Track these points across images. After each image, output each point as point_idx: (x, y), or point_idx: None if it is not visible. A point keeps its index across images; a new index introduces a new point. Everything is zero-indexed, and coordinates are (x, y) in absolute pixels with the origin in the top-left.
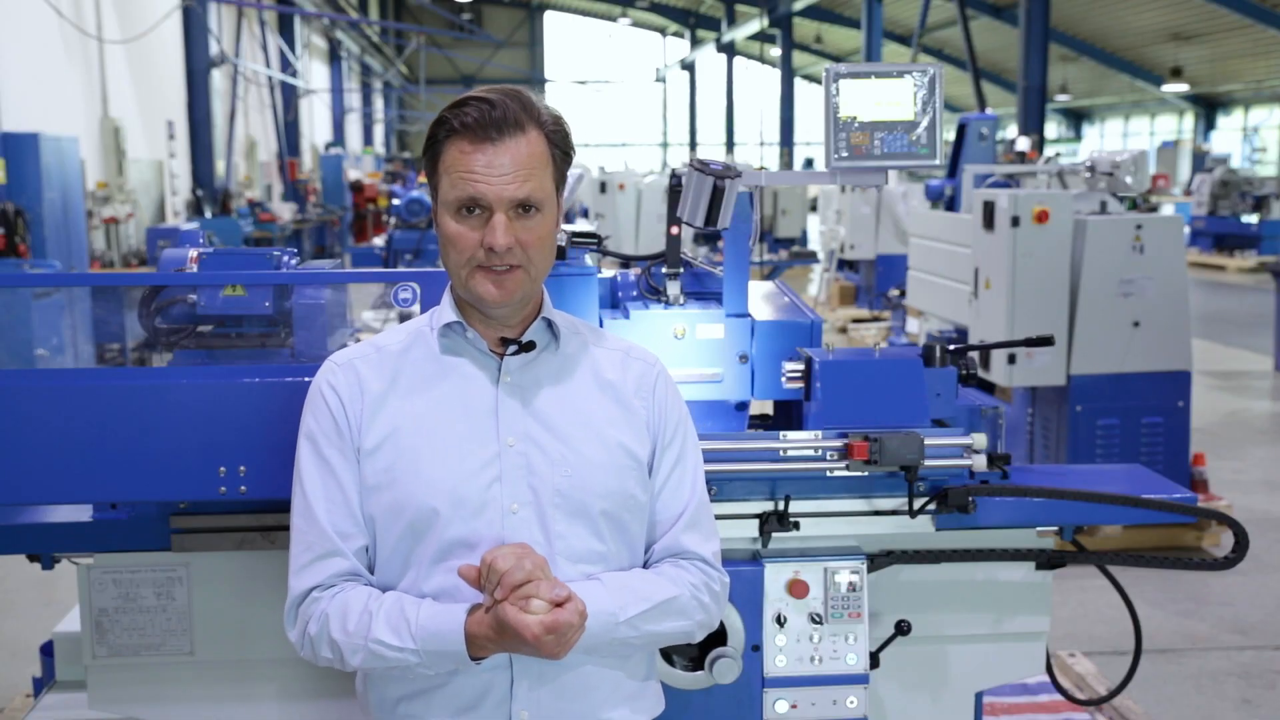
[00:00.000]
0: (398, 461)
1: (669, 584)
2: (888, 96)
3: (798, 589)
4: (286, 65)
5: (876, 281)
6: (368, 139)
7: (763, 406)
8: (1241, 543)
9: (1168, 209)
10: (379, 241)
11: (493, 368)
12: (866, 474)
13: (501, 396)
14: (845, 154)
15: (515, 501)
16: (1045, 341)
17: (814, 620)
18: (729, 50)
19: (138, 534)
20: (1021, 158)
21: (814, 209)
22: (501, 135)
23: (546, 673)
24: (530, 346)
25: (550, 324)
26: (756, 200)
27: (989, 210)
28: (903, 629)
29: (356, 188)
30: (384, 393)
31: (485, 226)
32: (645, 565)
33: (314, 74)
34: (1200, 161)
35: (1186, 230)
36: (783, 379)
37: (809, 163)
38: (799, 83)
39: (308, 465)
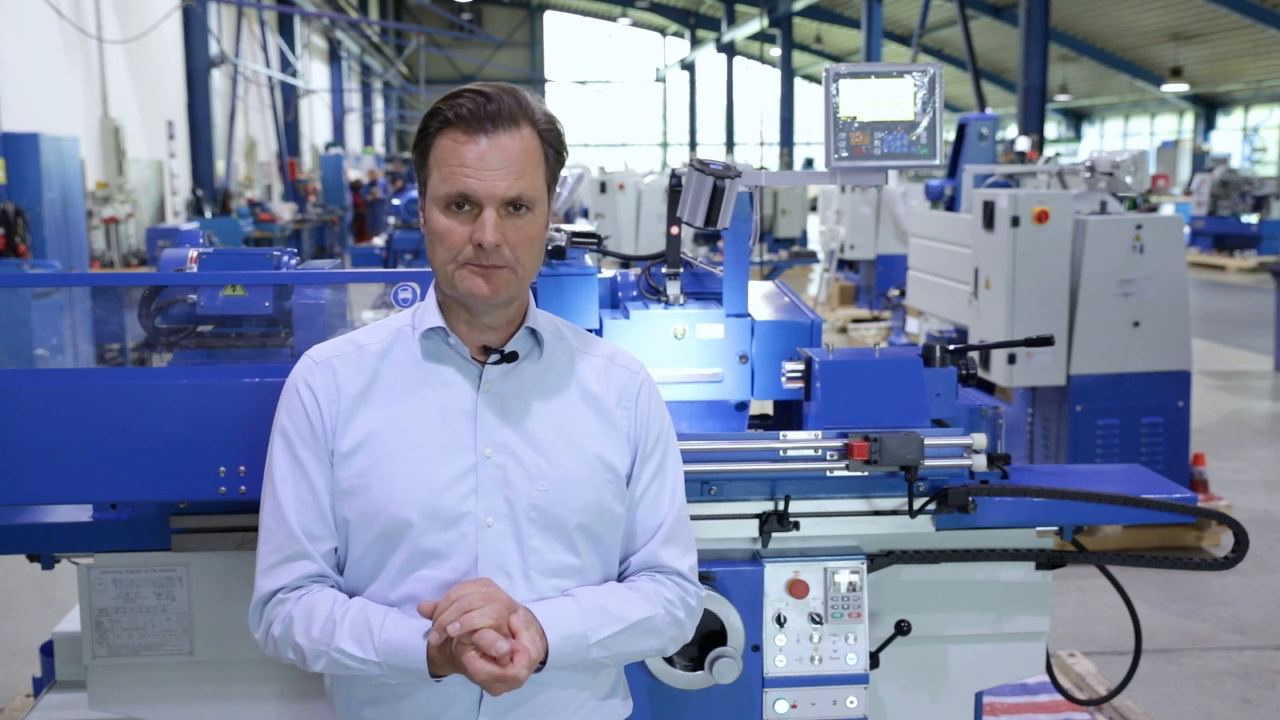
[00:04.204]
0: (373, 468)
1: (644, 602)
2: (888, 96)
3: (798, 589)
4: (286, 65)
5: (876, 281)
6: (368, 139)
7: (763, 406)
8: (1241, 543)
9: (1168, 209)
10: (379, 241)
11: (474, 376)
12: (866, 474)
13: (481, 406)
14: (845, 154)
15: (490, 515)
16: (1045, 341)
17: (814, 620)
18: (729, 50)
19: (138, 534)
20: (1021, 158)
21: (814, 209)
22: (495, 129)
23: (515, 691)
24: (513, 357)
25: (534, 332)
26: (756, 200)
27: (989, 210)
28: (903, 629)
29: (356, 188)
30: (361, 395)
31: (474, 222)
32: (621, 577)
33: (314, 74)
34: (1200, 161)
35: (1186, 230)
36: (783, 379)
37: (809, 163)
38: (799, 83)
39: (280, 464)
